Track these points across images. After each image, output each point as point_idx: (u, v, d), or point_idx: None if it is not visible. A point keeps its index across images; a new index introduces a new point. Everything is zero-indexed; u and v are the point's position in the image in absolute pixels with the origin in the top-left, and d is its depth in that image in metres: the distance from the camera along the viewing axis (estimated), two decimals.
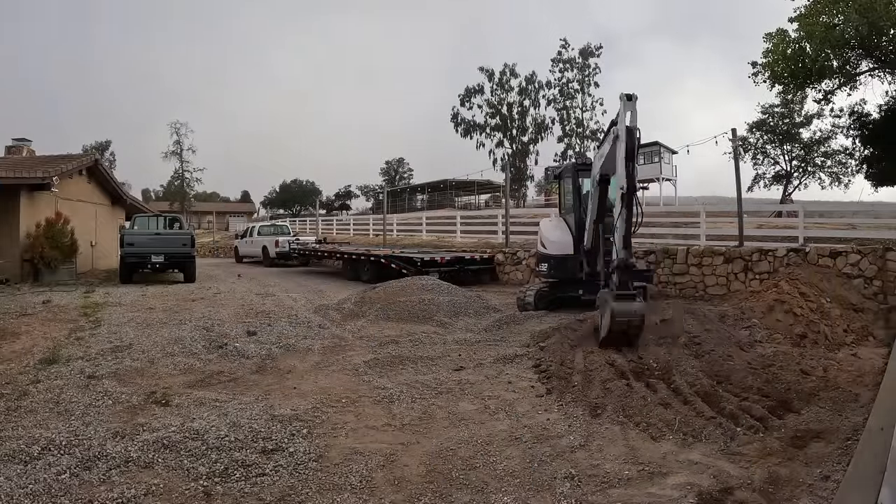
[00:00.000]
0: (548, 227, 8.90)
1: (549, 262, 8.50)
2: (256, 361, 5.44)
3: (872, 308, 7.20)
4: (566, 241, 8.32)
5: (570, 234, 8.32)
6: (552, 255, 8.42)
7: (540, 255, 8.83)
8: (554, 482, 2.89)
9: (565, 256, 8.22)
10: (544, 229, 8.87)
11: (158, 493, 2.74)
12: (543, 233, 8.80)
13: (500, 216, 15.67)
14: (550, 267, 8.47)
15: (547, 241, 8.59)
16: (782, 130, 23.80)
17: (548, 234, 8.64)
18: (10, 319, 7.24)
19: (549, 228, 8.81)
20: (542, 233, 8.83)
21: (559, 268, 8.31)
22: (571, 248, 8.21)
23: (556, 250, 8.37)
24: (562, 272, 8.28)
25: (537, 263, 8.90)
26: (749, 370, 4.37)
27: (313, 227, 28.22)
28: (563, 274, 8.27)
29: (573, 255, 8.13)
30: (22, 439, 3.38)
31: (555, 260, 8.36)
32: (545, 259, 8.62)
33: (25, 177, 12.18)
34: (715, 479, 2.86)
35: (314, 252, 17.28)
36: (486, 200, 43.68)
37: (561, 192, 9.59)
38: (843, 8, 12.87)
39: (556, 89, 40.05)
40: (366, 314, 7.84)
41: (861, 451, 2.72)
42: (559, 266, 8.31)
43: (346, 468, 3.06)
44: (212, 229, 43.35)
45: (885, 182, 17.33)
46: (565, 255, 8.23)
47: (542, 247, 8.71)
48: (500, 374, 4.96)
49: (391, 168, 60.84)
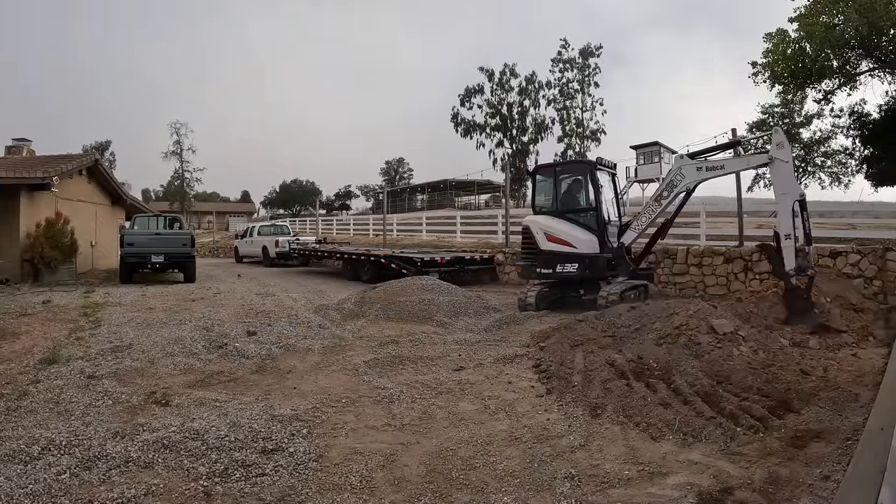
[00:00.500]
0: (558, 224, 8.48)
1: (581, 262, 8.15)
2: (256, 361, 5.44)
3: (872, 308, 7.19)
4: (592, 240, 8.15)
5: (592, 233, 8.18)
6: (585, 255, 8.13)
7: (559, 254, 8.35)
8: (554, 482, 2.89)
9: (596, 255, 8.08)
10: (557, 227, 8.45)
11: (158, 493, 2.74)
12: (563, 231, 8.37)
13: (500, 216, 15.66)
14: (584, 267, 8.14)
15: (575, 239, 8.25)
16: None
17: (572, 233, 8.30)
18: (10, 319, 7.24)
19: (563, 226, 8.42)
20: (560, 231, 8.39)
21: (593, 267, 8.09)
22: (598, 246, 8.10)
23: (588, 248, 8.14)
24: (595, 271, 8.09)
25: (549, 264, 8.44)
26: (749, 370, 4.36)
27: (313, 227, 28.21)
28: (596, 273, 8.10)
29: (601, 254, 8.06)
30: (22, 439, 3.38)
31: (589, 259, 8.10)
32: (572, 259, 8.22)
33: (25, 177, 12.17)
34: (715, 479, 2.86)
35: (314, 252, 17.27)
36: (486, 200, 43.72)
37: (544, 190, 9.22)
38: (843, 8, 12.87)
39: (556, 89, 40.15)
40: (366, 314, 7.84)
41: (861, 451, 2.71)
42: (593, 265, 8.08)
43: (346, 468, 3.06)
44: (212, 229, 43.37)
45: (885, 182, 17.32)
46: (596, 254, 8.09)
47: (567, 245, 8.29)
48: (500, 374, 4.96)
49: (391, 168, 60.92)
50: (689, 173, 7.32)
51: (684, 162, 7.40)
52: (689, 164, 7.34)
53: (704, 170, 7.23)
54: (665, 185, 7.61)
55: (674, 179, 7.45)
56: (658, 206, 7.65)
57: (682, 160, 7.48)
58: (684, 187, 7.41)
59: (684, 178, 7.35)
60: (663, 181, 7.78)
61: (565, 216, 8.57)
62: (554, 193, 8.96)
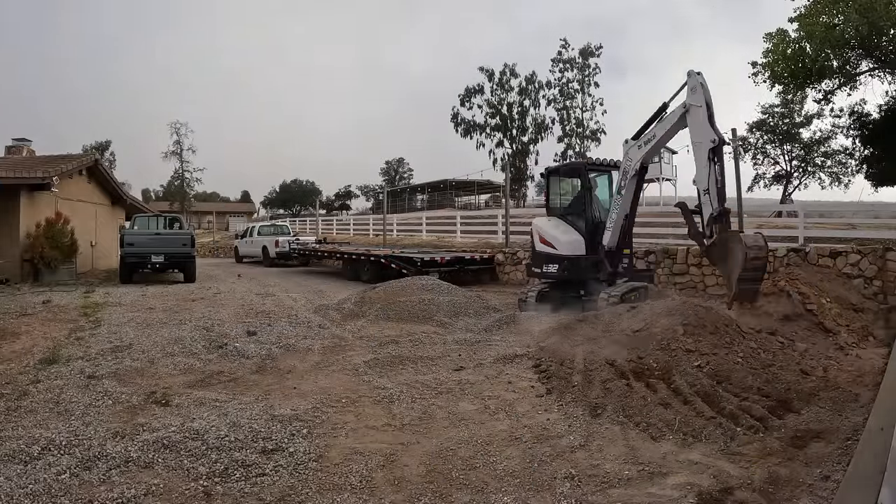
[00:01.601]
0: (549, 226, 8.62)
1: (560, 264, 8.19)
2: (256, 361, 5.44)
3: (872, 308, 7.20)
4: (577, 241, 8.14)
5: (580, 234, 8.17)
6: (565, 256, 8.15)
7: (545, 255, 8.50)
8: (554, 482, 2.89)
9: (578, 257, 8.06)
10: (546, 229, 8.61)
11: (158, 493, 2.74)
12: (549, 232, 8.50)
13: (500, 216, 15.65)
14: (563, 268, 8.17)
15: (557, 241, 8.30)
16: (782, 130, 23.77)
17: (556, 234, 8.36)
18: (10, 319, 7.24)
19: (551, 228, 8.54)
20: (547, 232, 8.53)
21: (572, 269, 8.08)
22: (583, 248, 8.09)
23: (568, 251, 8.14)
24: (575, 273, 8.07)
25: (539, 264, 8.61)
26: (749, 370, 4.36)
27: (313, 227, 28.21)
28: (575, 275, 8.08)
29: (586, 256, 8.02)
30: (22, 439, 3.38)
31: (568, 261, 8.10)
32: (554, 260, 8.30)
33: (25, 177, 12.18)
34: (715, 479, 2.86)
35: (314, 252, 17.27)
36: (486, 200, 43.69)
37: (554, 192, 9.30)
38: (843, 8, 12.88)
39: (556, 89, 40.07)
40: (366, 314, 7.84)
41: (861, 451, 2.71)
42: (572, 267, 8.08)
43: (346, 468, 3.06)
44: (212, 229, 43.36)
45: (885, 182, 17.34)
46: (578, 255, 8.07)
47: (550, 247, 8.40)
48: (500, 374, 4.96)
49: (391, 168, 60.89)
50: (633, 154, 7.28)
51: (628, 145, 7.40)
52: (632, 146, 7.32)
53: (644, 144, 7.15)
54: (621, 174, 7.57)
55: (625, 166, 7.43)
56: (621, 198, 7.57)
57: (626, 144, 7.47)
58: (633, 169, 7.32)
59: (632, 159, 7.31)
60: (619, 171, 7.71)
61: (564, 218, 8.66)
62: (557, 195, 9.20)
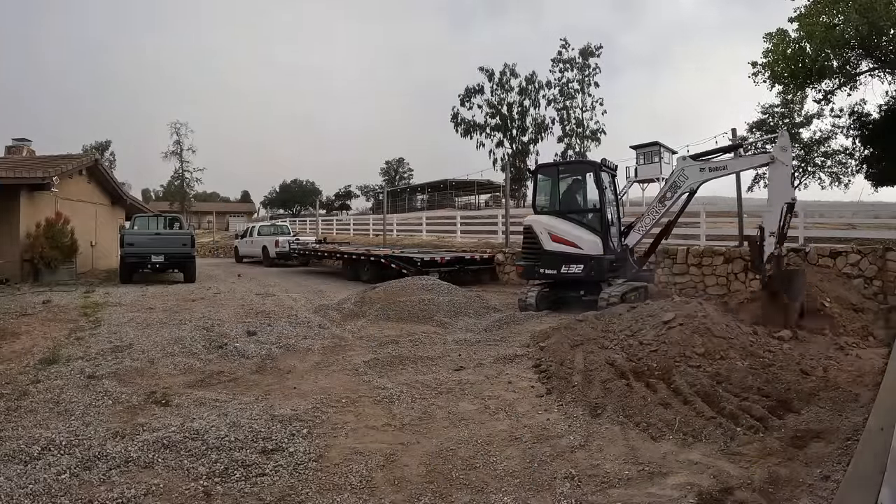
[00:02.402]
0: (566, 225, 8.37)
1: (586, 264, 8.07)
2: (256, 361, 5.44)
3: (872, 308, 7.19)
4: (597, 241, 8.12)
5: (596, 234, 8.14)
6: (591, 256, 8.06)
7: (563, 255, 8.27)
8: (554, 482, 2.89)
9: (601, 257, 8.04)
10: (564, 228, 8.35)
11: (158, 493, 2.74)
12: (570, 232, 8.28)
13: (500, 216, 15.66)
14: (589, 269, 8.06)
15: (581, 241, 8.18)
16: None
17: (580, 234, 8.23)
18: (10, 319, 7.24)
19: (571, 228, 8.33)
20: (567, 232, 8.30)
21: (597, 269, 8.03)
22: (601, 248, 8.08)
23: (594, 250, 8.08)
24: (598, 273, 8.05)
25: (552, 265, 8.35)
26: (749, 370, 4.36)
27: (313, 227, 28.20)
28: (599, 275, 8.05)
29: (605, 256, 8.04)
30: (22, 439, 3.38)
31: (595, 261, 8.04)
32: (578, 260, 8.15)
33: (25, 177, 12.18)
34: (715, 479, 2.86)
35: (314, 252, 17.27)
36: (486, 200, 43.69)
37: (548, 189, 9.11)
38: (843, 8, 12.88)
39: (556, 89, 40.11)
40: (366, 314, 7.84)
41: (861, 451, 2.71)
42: (598, 267, 8.03)
43: (346, 468, 3.06)
44: (212, 229, 43.38)
45: (885, 182, 17.32)
46: (600, 255, 8.05)
47: (572, 246, 8.21)
48: (500, 374, 4.96)
49: (391, 168, 60.88)
50: (692, 174, 7.38)
51: (687, 163, 7.46)
52: (692, 166, 7.40)
53: (708, 170, 7.30)
54: (669, 185, 7.67)
55: (677, 180, 7.51)
56: (662, 207, 7.72)
57: (684, 161, 7.57)
58: (688, 188, 7.47)
59: (687, 178, 7.41)
60: (666, 182, 7.84)
61: (568, 217, 8.47)
62: (556, 193, 8.88)
